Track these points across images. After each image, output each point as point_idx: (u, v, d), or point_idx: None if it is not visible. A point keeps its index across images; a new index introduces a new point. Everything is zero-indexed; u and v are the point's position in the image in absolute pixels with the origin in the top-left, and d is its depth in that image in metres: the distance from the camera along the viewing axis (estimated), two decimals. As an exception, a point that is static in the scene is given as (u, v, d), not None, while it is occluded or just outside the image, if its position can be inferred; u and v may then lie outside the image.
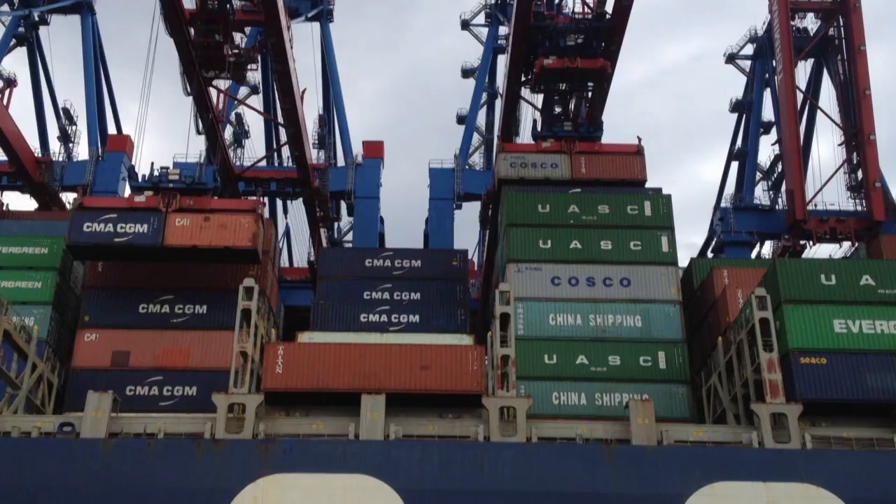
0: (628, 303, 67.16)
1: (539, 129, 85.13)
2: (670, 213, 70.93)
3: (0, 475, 50.80)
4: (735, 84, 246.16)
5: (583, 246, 69.41)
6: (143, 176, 69.60)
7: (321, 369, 55.04)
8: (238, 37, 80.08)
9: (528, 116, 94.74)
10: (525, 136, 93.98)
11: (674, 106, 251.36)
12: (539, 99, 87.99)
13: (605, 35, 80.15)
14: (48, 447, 51.95)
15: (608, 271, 68.26)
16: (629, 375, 64.44)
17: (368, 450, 52.35)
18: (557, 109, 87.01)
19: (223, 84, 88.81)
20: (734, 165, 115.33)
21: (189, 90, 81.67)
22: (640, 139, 78.77)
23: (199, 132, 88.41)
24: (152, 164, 70.10)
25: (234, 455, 51.96)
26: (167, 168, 70.05)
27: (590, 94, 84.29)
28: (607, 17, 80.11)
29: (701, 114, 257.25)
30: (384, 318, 74.05)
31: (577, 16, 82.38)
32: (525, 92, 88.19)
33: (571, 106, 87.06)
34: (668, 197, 71.91)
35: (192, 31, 75.23)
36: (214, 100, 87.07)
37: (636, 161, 76.88)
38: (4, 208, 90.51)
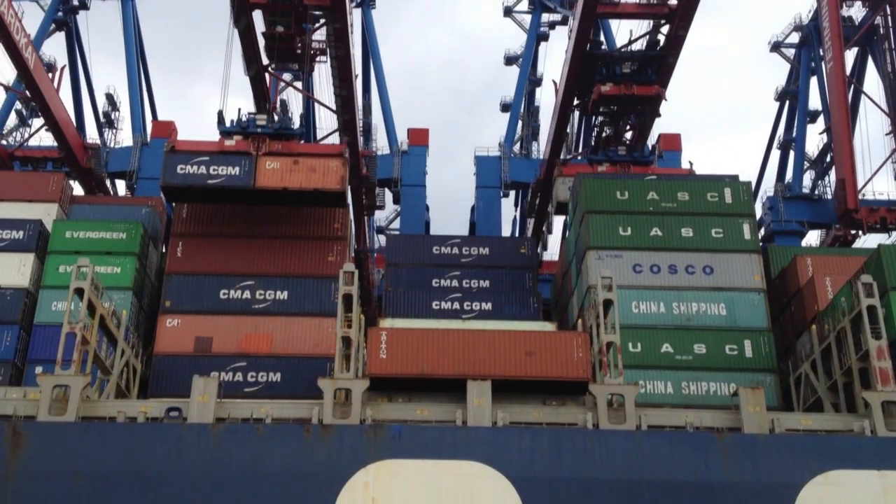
0: (712, 291, 66.65)
1: (580, 149, 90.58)
2: (750, 201, 70.64)
3: (108, 460, 50.22)
4: (741, 74, 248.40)
5: (663, 233, 68.88)
6: (232, 121, 70.40)
7: (425, 355, 54.48)
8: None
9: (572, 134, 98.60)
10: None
11: (690, 94, 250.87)
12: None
13: (658, 63, 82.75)
14: (157, 432, 51.44)
15: (690, 259, 67.73)
16: (715, 364, 64.01)
17: (478, 436, 51.84)
18: (607, 131, 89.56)
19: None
20: (773, 154, 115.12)
21: (248, 72, 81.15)
22: (691, 164, 79.48)
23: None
24: (239, 109, 71.29)
25: (343, 440, 51.47)
26: (254, 114, 70.91)
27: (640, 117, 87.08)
28: (660, 45, 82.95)
29: (712, 102, 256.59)
30: (456, 305, 73.88)
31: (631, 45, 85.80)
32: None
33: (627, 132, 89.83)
34: (748, 184, 71.61)
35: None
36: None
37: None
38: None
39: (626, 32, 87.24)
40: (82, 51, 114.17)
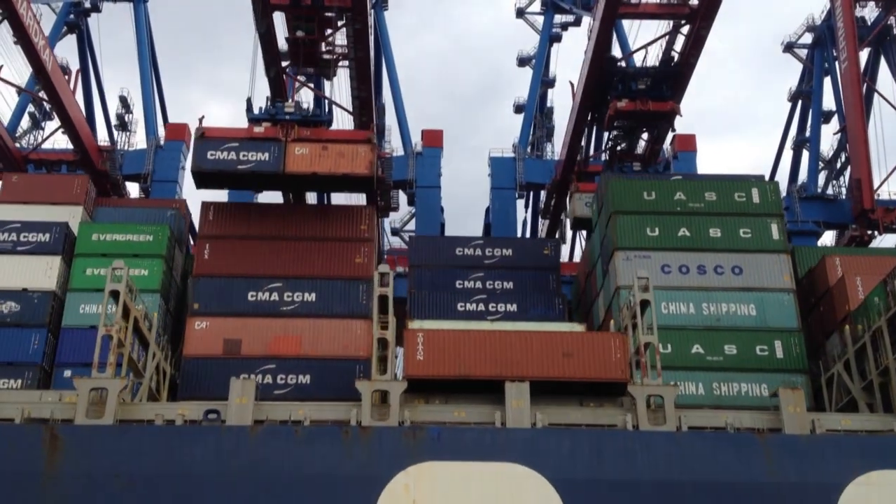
0: (741, 291, 66.45)
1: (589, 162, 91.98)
2: (779, 200, 70.55)
3: (147, 463, 49.92)
4: (741, 76, 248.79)
5: (691, 233, 68.71)
6: (260, 109, 71.06)
7: (463, 356, 54.26)
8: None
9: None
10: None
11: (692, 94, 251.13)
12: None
13: (673, 79, 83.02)
14: (196, 434, 51.14)
15: (719, 259, 67.54)
16: (746, 365, 63.77)
17: (518, 438, 51.57)
18: (621, 145, 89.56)
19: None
20: (786, 154, 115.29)
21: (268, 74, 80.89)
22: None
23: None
24: (267, 97, 72.09)
25: (382, 442, 51.21)
26: (282, 101, 71.47)
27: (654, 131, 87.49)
28: (674, 62, 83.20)
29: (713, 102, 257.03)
30: (481, 306, 73.56)
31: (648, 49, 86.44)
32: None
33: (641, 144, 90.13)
34: (776, 184, 71.65)
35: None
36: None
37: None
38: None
39: (641, 46, 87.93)
40: (93, 54, 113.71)
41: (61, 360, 63.87)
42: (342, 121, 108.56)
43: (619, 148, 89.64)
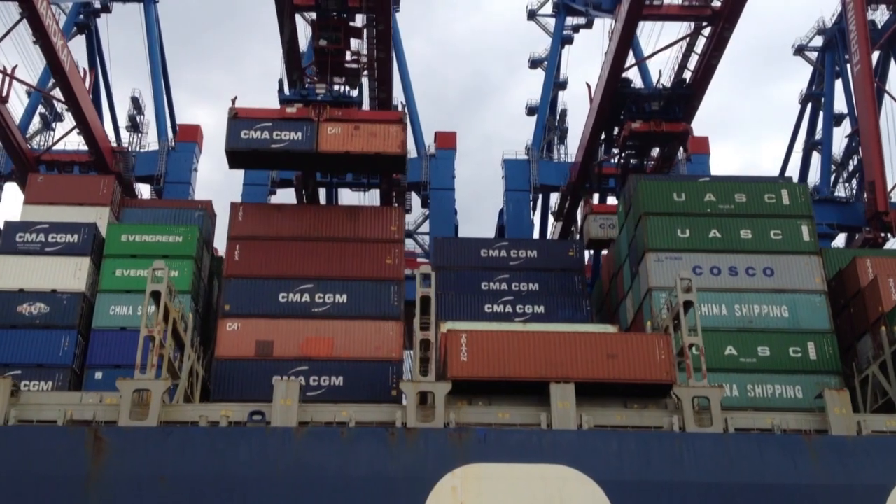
0: (774, 293, 66.32)
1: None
2: (808, 202, 70.47)
3: (193, 465, 49.53)
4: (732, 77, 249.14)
5: (722, 235, 68.55)
6: (292, 90, 72.32)
7: (506, 357, 53.94)
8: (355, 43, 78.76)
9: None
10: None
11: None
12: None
13: (685, 101, 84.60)
14: (241, 436, 50.68)
15: (750, 260, 67.40)
16: (780, 366, 63.58)
17: (565, 440, 51.32)
18: (633, 162, 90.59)
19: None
20: (795, 156, 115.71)
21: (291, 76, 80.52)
22: None
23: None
24: (297, 79, 73.01)
25: (428, 444, 50.91)
26: (313, 83, 72.26)
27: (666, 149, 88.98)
28: (685, 84, 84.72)
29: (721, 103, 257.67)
30: (508, 308, 73.39)
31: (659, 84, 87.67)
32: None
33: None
34: (806, 185, 71.88)
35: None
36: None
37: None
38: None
39: (661, 49, 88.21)
40: (101, 54, 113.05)
41: (92, 361, 63.20)
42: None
43: (631, 162, 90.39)
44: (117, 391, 52.78)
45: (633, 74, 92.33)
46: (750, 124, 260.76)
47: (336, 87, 73.42)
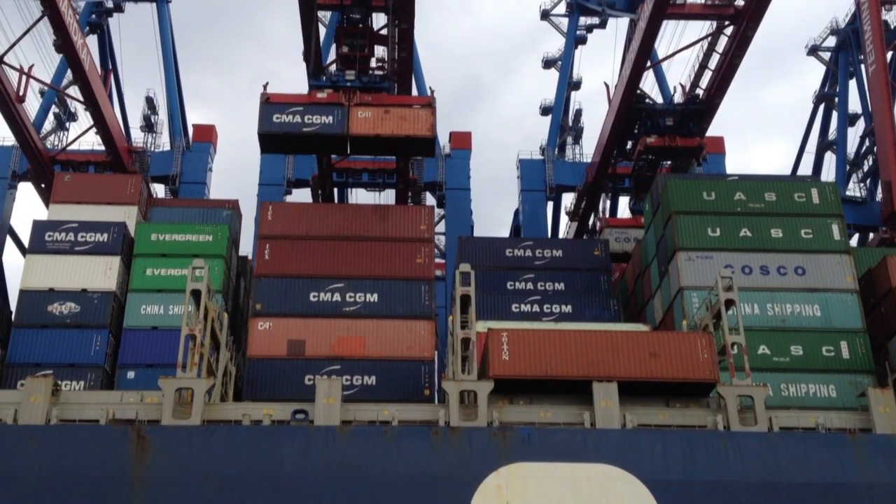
0: (805, 292, 65.99)
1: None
2: (838, 201, 70.13)
3: (237, 464, 49.24)
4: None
5: (752, 234, 68.23)
6: (322, 76, 73.43)
7: (549, 356, 53.66)
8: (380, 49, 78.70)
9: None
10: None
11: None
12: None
13: (698, 116, 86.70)
14: (285, 435, 50.36)
15: (781, 259, 67.05)
16: (813, 365, 63.18)
17: (609, 439, 51.08)
18: (647, 174, 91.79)
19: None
20: (806, 157, 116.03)
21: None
22: None
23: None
24: (329, 66, 74.35)
25: (472, 443, 50.65)
26: (342, 69, 72.83)
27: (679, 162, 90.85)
28: (699, 99, 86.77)
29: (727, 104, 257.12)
30: (535, 308, 73.18)
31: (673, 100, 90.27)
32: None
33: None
34: (835, 184, 71.53)
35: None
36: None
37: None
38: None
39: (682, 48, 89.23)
40: (113, 54, 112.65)
41: (124, 361, 62.86)
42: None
43: (644, 175, 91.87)
44: (149, 390, 52.72)
45: (650, 82, 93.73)
46: (739, 127, 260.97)
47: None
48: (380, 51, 78.34)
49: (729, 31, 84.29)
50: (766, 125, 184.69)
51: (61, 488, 47.97)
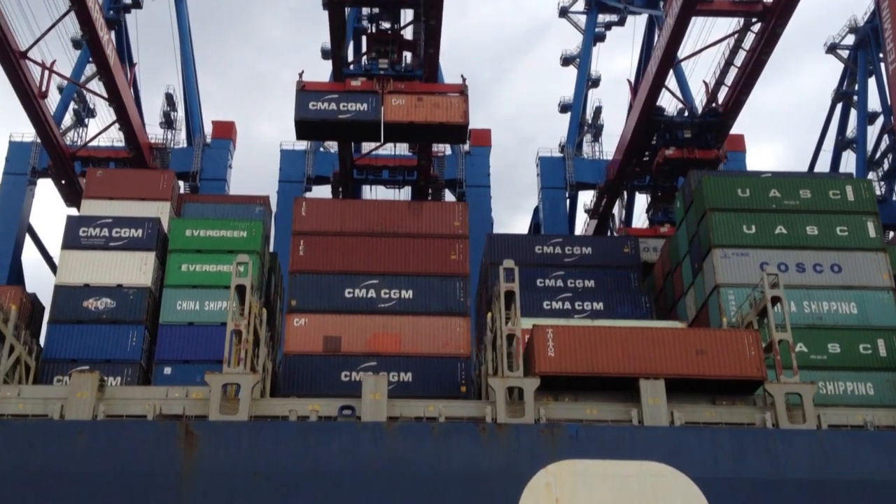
0: (842, 289, 65.69)
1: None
2: (873, 199, 69.89)
3: (285, 459, 48.98)
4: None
5: (788, 231, 67.92)
6: (355, 65, 76.14)
7: (594, 353, 53.36)
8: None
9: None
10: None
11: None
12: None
13: (716, 128, 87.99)
14: (333, 431, 50.05)
15: (817, 257, 66.77)
16: (850, 363, 62.80)
17: (658, 436, 50.82)
18: (665, 185, 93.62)
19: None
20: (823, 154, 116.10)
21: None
22: None
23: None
24: (363, 55, 76.20)
25: (520, 440, 50.35)
26: (375, 58, 74.32)
27: None
28: (717, 112, 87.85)
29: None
30: (567, 305, 72.77)
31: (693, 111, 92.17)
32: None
33: None
34: (870, 182, 71.53)
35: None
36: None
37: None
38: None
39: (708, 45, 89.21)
40: (130, 51, 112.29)
41: (161, 356, 62.38)
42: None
43: (662, 189, 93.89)
44: (186, 386, 52.81)
45: (671, 83, 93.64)
46: (737, 128, 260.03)
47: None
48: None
49: (756, 27, 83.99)
50: (758, 126, 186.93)
51: (110, 483, 47.65)
